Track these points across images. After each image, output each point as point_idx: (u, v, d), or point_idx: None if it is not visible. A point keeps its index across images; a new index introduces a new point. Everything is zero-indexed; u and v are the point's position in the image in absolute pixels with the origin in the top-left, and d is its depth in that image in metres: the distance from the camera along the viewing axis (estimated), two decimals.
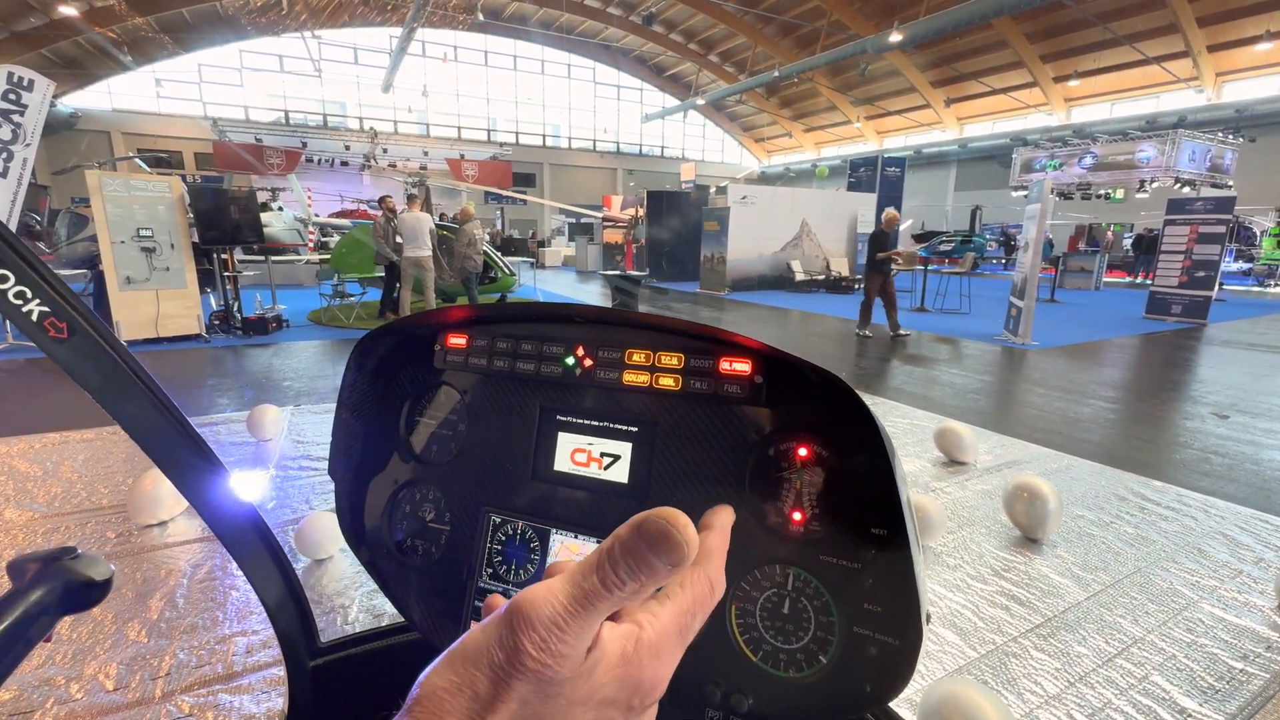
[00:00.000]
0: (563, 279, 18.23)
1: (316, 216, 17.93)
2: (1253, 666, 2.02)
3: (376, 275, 9.16)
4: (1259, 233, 18.80)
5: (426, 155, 26.84)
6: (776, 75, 22.66)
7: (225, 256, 7.76)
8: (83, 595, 0.54)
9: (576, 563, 0.23)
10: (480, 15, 20.78)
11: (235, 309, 7.92)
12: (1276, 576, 2.48)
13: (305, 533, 2.54)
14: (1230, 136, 15.26)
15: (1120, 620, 2.26)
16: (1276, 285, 16.98)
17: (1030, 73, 23.14)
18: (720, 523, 0.30)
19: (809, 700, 0.55)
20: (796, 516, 0.58)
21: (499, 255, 10.32)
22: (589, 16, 28.05)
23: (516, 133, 31.63)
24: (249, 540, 0.73)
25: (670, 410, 0.64)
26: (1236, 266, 18.72)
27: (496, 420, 0.73)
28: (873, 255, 8.00)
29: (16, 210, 6.51)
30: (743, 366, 0.61)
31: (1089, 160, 15.86)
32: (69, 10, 17.90)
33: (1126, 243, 20.56)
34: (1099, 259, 16.41)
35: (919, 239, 19.36)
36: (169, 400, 0.64)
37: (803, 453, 0.59)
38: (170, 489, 2.70)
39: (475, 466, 0.72)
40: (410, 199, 8.55)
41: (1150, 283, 11.43)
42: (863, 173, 19.41)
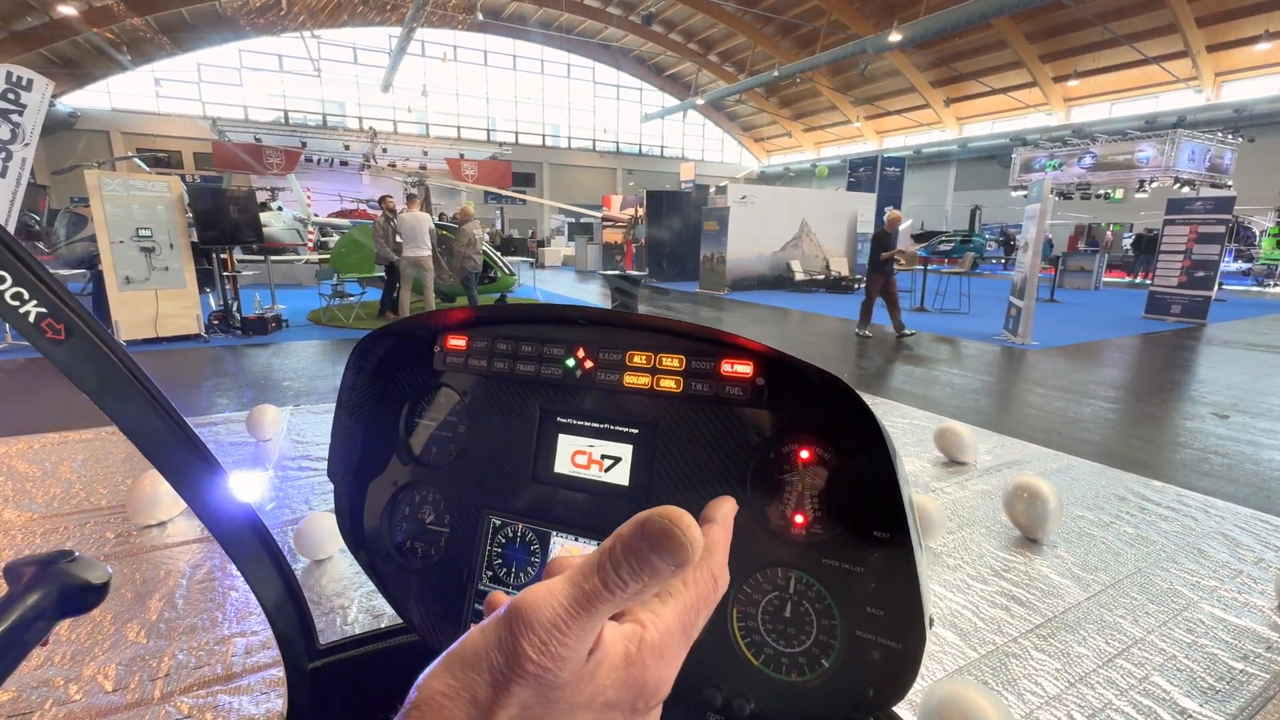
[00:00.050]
0: (562, 279, 18.22)
1: (316, 216, 17.93)
2: (1253, 667, 2.02)
3: (376, 275, 9.16)
4: (1258, 232, 18.82)
5: (426, 155, 26.83)
6: (776, 75, 22.67)
7: (224, 256, 7.75)
8: (80, 599, 0.54)
9: (578, 562, 0.23)
10: (480, 15, 20.76)
11: (234, 309, 7.91)
12: (1276, 577, 2.47)
13: (305, 533, 2.54)
14: (1229, 136, 15.27)
15: (1120, 620, 2.26)
16: (1276, 285, 16.98)
17: (1030, 73, 23.15)
18: (722, 515, 0.29)
19: (811, 704, 0.55)
20: (798, 519, 0.58)
21: (498, 255, 10.31)
22: (588, 16, 28.05)
23: (516, 132, 31.64)
24: (247, 542, 0.73)
25: (671, 412, 0.64)
26: (1236, 266, 18.73)
27: (496, 422, 0.72)
28: (876, 255, 7.95)
29: (15, 210, 6.51)
30: (744, 368, 0.61)
31: (1088, 160, 15.87)
32: (68, 10, 17.89)
33: (1126, 243, 20.57)
34: (1098, 259, 16.41)
35: (918, 239, 19.40)
36: (167, 402, 0.64)
37: (804, 455, 0.59)
38: (169, 489, 2.68)
39: (475, 468, 0.72)
40: (410, 199, 8.55)
41: (1150, 283, 11.43)
42: (862, 172, 19.43)
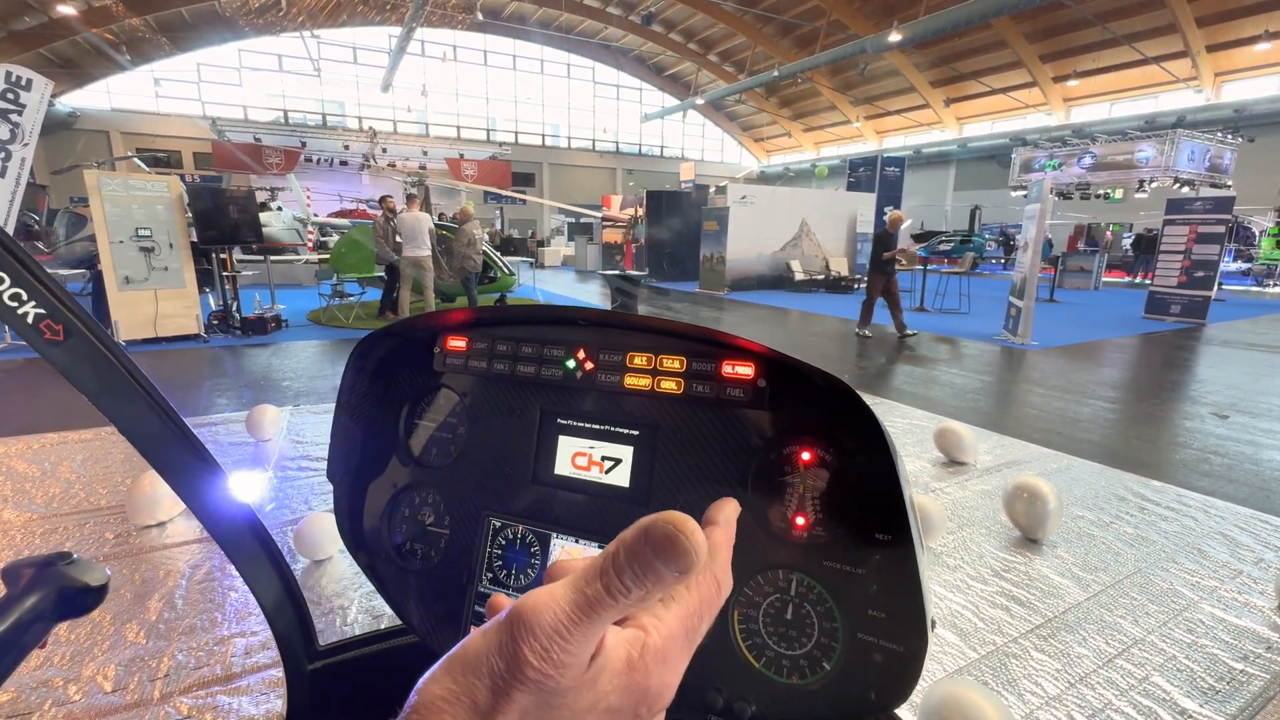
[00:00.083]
0: (562, 279, 18.21)
1: (315, 216, 17.92)
2: (1253, 667, 2.02)
3: (376, 275, 9.15)
4: (1258, 232, 18.83)
5: (426, 155, 26.81)
6: (776, 75, 22.67)
7: (224, 256, 7.75)
8: (78, 601, 0.54)
9: (580, 566, 0.22)
10: (479, 15, 20.73)
11: (234, 309, 7.91)
12: (1276, 577, 2.47)
13: (304, 533, 2.54)
14: (1229, 136, 15.27)
15: (1120, 621, 2.26)
16: (1275, 285, 16.99)
17: (1029, 72, 23.15)
18: (725, 518, 0.29)
19: (812, 707, 0.55)
20: (800, 521, 0.58)
21: (498, 255, 10.31)
22: (588, 16, 28.04)
23: (516, 132, 31.63)
24: (246, 542, 0.73)
25: (672, 414, 0.63)
26: (1235, 266, 18.73)
27: (496, 423, 0.72)
28: (878, 255, 7.90)
29: (15, 210, 6.50)
30: (745, 370, 0.61)
31: (1088, 160, 15.88)
32: (66, 10, 17.87)
33: (1126, 242, 20.58)
34: (1098, 259, 16.42)
35: (918, 239, 19.42)
36: (166, 403, 0.63)
37: (806, 457, 0.58)
38: (169, 490, 2.67)
39: (475, 470, 0.72)
40: (409, 199, 8.54)
41: (1149, 283, 11.44)
42: (862, 172, 19.43)
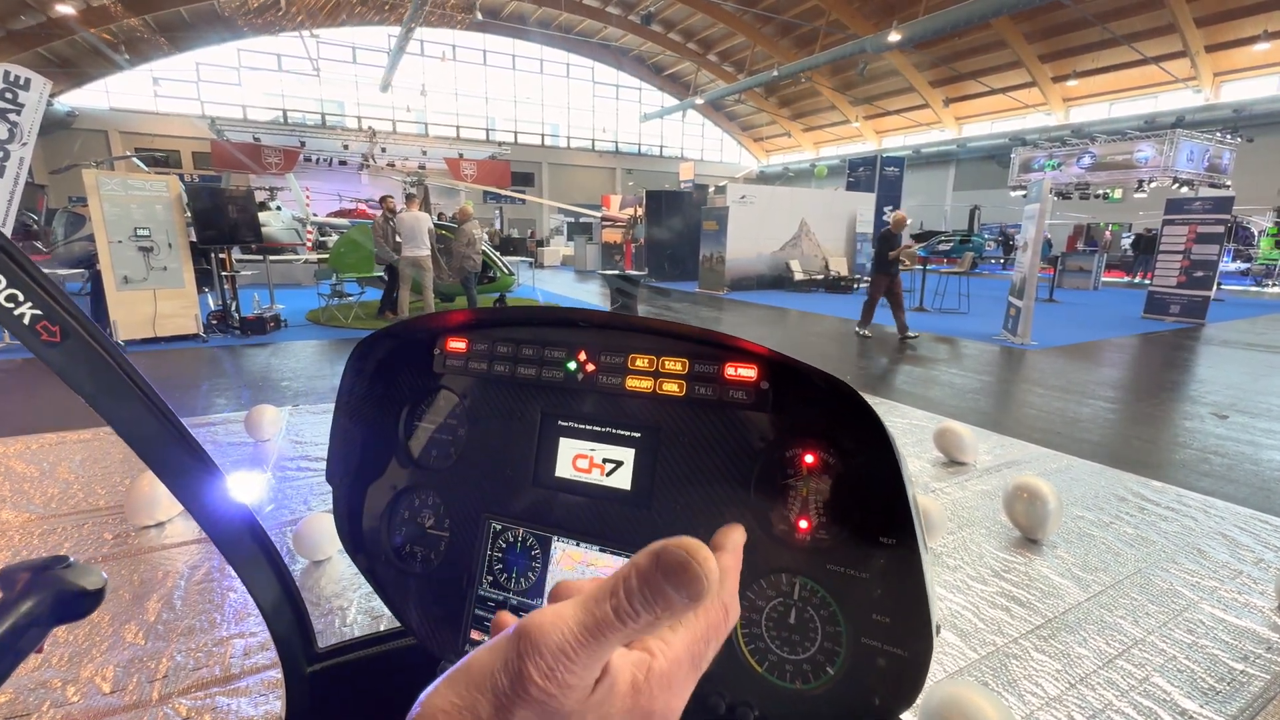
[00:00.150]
0: (561, 278, 18.20)
1: (315, 216, 17.91)
2: (1253, 668, 2.02)
3: (375, 275, 9.14)
4: (1257, 232, 18.85)
5: (425, 154, 26.80)
6: (775, 75, 22.66)
7: (223, 256, 7.74)
8: (74, 605, 0.53)
9: (590, 587, 0.22)
10: (479, 14, 20.71)
11: (233, 309, 7.89)
12: (1276, 577, 2.47)
13: (303, 534, 2.53)
14: (1228, 136, 15.28)
15: (1121, 621, 2.26)
16: (1274, 285, 17.01)
17: (1029, 72, 23.16)
18: (733, 543, 0.29)
19: (816, 712, 0.54)
20: (803, 524, 0.57)
21: (498, 255, 10.30)
22: (587, 16, 28.03)
23: (515, 132, 31.61)
24: (244, 544, 0.72)
25: (674, 416, 0.63)
26: (1235, 266, 18.74)
27: (497, 425, 0.72)
28: (883, 255, 7.84)
29: (13, 209, 6.49)
30: (748, 372, 0.60)
31: (1087, 160, 15.88)
32: (65, 9, 17.84)
33: (1125, 242, 20.59)
34: (1097, 259, 16.43)
35: (918, 238, 19.43)
36: (163, 404, 0.63)
37: (809, 459, 0.58)
38: (167, 490, 2.67)
39: (475, 472, 0.71)
40: (409, 198, 8.53)
41: (1149, 283, 11.45)
42: (861, 172, 19.42)
